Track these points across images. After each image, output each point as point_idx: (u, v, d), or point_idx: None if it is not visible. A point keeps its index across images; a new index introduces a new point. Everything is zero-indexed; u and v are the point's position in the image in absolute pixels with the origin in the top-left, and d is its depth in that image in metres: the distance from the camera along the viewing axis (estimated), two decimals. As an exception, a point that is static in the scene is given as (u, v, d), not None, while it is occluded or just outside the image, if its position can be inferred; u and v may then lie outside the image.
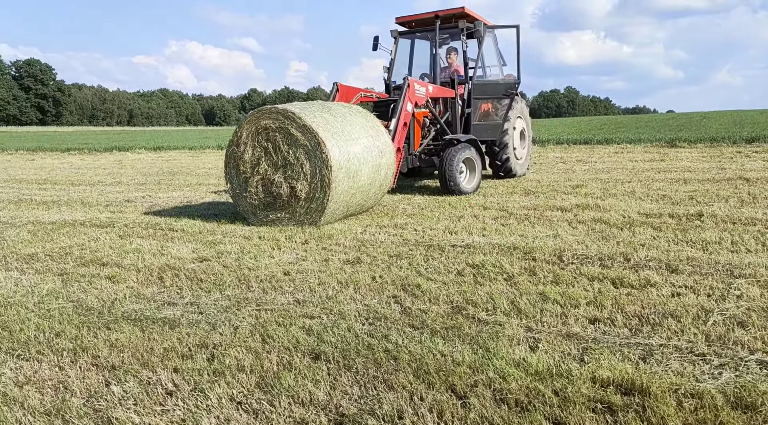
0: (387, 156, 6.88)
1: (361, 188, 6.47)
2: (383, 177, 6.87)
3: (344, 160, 6.14)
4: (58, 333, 3.47)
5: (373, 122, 6.98)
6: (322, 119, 6.24)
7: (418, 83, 8.45)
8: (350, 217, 6.81)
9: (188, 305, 3.96)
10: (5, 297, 4.17)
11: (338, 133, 6.24)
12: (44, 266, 5.02)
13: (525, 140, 10.56)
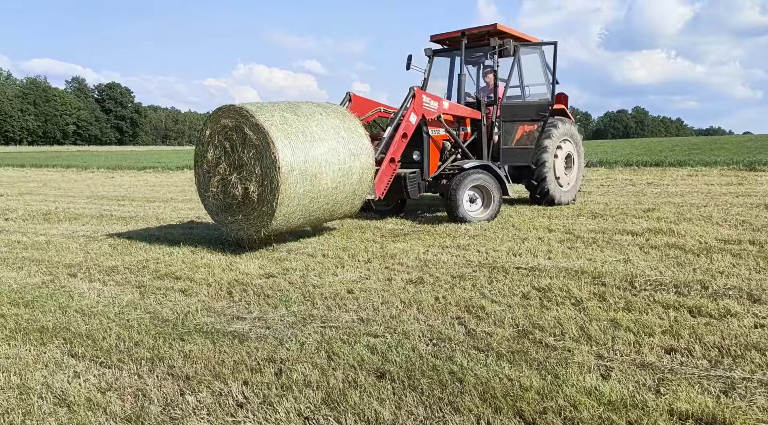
0: (362, 159, 6.40)
1: (323, 192, 6.10)
2: (356, 181, 6.40)
3: (299, 162, 5.81)
4: (137, 342, 3.65)
5: (349, 124, 6.53)
6: (279, 118, 5.95)
7: (427, 96, 7.99)
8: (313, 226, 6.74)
9: (256, 320, 4.07)
10: (89, 306, 4.43)
11: (296, 133, 5.93)
12: (123, 278, 5.30)
13: (573, 165, 9.72)
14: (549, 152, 9.12)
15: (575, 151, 9.77)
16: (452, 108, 8.48)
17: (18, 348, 3.58)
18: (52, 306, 4.44)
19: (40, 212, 10.02)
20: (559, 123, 9.35)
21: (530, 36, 9.54)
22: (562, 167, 9.49)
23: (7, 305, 4.45)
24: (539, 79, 9.63)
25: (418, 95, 7.72)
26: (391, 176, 7.55)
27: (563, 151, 9.46)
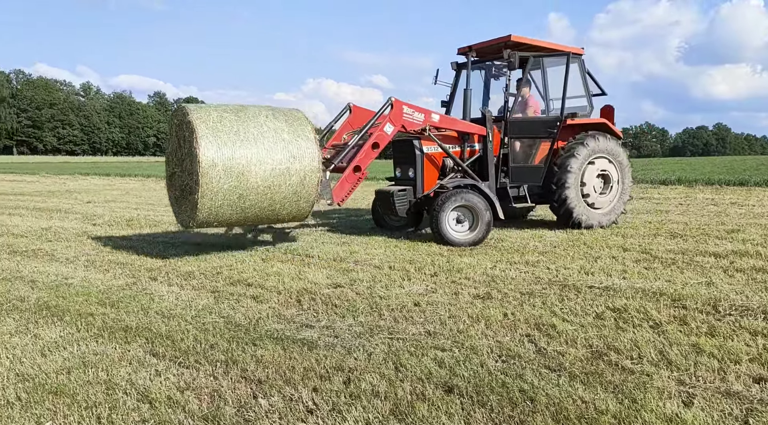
0: (303, 161, 6.42)
1: (254, 190, 6.22)
2: (296, 183, 6.43)
3: (224, 159, 5.98)
4: (212, 345, 3.79)
5: (296, 128, 6.55)
6: (216, 117, 6.19)
7: (411, 107, 7.71)
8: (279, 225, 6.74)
9: (324, 328, 4.14)
10: (168, 309, 4.64)
11: (228, 132, 6.11)
12: (199, 283, 5.53)
13: (612, 184, 8.67)
14: (571, 171, 8.26)
15: (615, 169, 8.70)
16: (446, 121, 8.12)
17: (105, 345, 3.81)
18: (135, 307, 4.69)
19: (124, 218, 10.64)
20: (591, 139, 8.39)
21: (560, 45, 8.78)
22: (595, 187, 8.54)
23: (96, 304, 4.74)
24: (576, 90, 8.86)
25: (397, 105, 7.56)
26: (355, 184, 7.37)
27: (594, 169, 8.50)
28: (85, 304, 4.73)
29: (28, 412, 2.87)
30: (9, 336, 3.97)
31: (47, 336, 3.96)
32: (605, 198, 8.67)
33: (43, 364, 3.46)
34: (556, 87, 8.80)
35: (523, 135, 8.50)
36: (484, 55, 8.90)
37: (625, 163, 8.80)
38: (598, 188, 8.60)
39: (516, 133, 8.46)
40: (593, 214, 8.56)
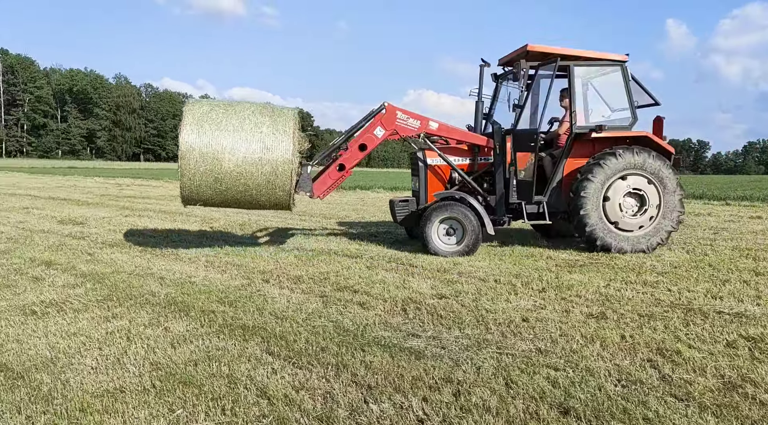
0: (275, 153, 6.98)
1: (228, 174, 6.92)
2: (269, 172, 7.01)
3: (202, 145, 6.84)
4: (323, 348, 3.91)
5: (277, 125, 7.09)
6: (206, 109, 7.06)
7: (405, 113, 7.74)
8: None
9: (430, 339, 4.13)
10: (280, 311, 4.85)
11: (211, 122, 6.91)
12: (308, 287, 5.73)
13: (649, 205, 7.66)
14: (588, 190, 7.50)
15: (654, 187, 7.66)
16: (445, 130, 7.91)
17: (226, 341, 4.05)
18: (251, 307, 4.94)
19: (237, 222, 11.29)
20: (620, 154, 7.54)
21: (590, 52, 8.00)
22: (623, 207, 7.64)
23: (216, 303, 5.06)
24: (617, 101, 8.10)
25: (390, 110, 7.65)
26: (337, 181, 7.70)
27: (623, 187, 7.61)
28: (207, 302, 5.06)
29: (161, 399, 3.10)
30: (143, 327, 4.33)
31: (176, 330, 4.28)
32: (639, 219, 7.69)
33: (173, 355, 3.74)
34: (600, 97, 8.31)
35: (523, 149, 7.98)
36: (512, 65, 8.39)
37: (668, 179, 7.66)
38: (628, 209, 7.70)
39: (518, 146, 7.97)
40: (621, 237, 7.62)
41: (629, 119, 7.93)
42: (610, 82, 8.09)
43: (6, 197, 16.88)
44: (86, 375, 3.43)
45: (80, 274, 6.15)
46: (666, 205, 7.67)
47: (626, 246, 7.56)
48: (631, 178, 7.61)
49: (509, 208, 8.05)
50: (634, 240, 7.62)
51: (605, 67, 8.08)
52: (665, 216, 7.68)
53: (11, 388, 3.20)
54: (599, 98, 8.36)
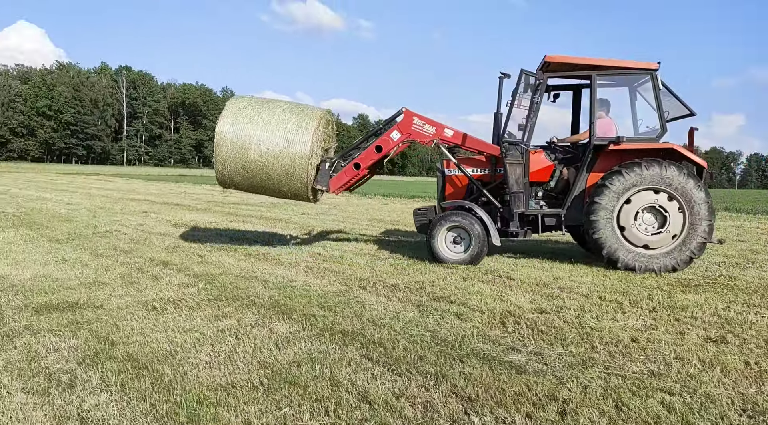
0: (295, 148, 7.66)
1: (254, 163, 7.73)
2: (288, 164, 7.70)
3: (232, 135, 7.73)
4: (421, 357, 3.92)
5: (302, 123, 7.78)
6: (245, 104, 8.01)
7: (421, 119, 8.05)
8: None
9: (532, 354, 4.02)
10: (378, 318, 4.92)
11: (245, 117, 7.80)
12: (404, 296, 5.77)
13: (669, 223, 7.12)
14: (601, 204, 7.16)
15: (677, 202, 7.11)
16: (460, 138, 8.06)
17: (326, 345, 4.16)
18: (349, 313, 5.05)
19: (333, 230, 11.61)
20: (636, 168, 7.09)
21: (615, 61, 7.64)
22: (642, 224, 7.18)
23: (316, 307, 5.22)
24: (645, 112, 7.72)
25: (407, 115, 8.02)
26: (352, 179, 8.17)
27: (640, 203, 7.15)
28: (307, 306, 5.24)
29: (269, 397, 3.24)
30: (250, 327, 4.56)
31: (280, 331, 4.46)
32: (659, 237, 7.14)
33: (278, 356, 3.90)
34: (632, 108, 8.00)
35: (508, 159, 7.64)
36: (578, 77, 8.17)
37: (693, 194, 7.05)
38: (648, 226, 7.19)
39: (507, 157, 7.63)
40: (640, 255, 7.14)
41: (657, 130, 7.47)
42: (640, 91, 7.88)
43: (127, 202, 18.44)
44: (201, 369, 3.65)
45: (193, 275, 6.58)
46: (690, 219, 7.08)
47: (642, 264, 7.10)
48: (649, 193, 7.15)
49: (528, 219, 7.87)
50: (656, 258, 7.12)
51: (633, 76, 7.80)
52: (691, 230, 7.08)
53: (137, 377, 3.48)
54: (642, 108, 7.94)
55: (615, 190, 7.14)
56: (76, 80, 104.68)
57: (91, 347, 4.01)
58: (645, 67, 7.52)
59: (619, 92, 8.30)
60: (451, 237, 7.64)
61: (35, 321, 4.62)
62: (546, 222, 7.82)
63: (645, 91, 7.86)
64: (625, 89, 8.09)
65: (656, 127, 7.51)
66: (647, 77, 7.61)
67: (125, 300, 5.38)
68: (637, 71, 7.64)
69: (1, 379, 3.40)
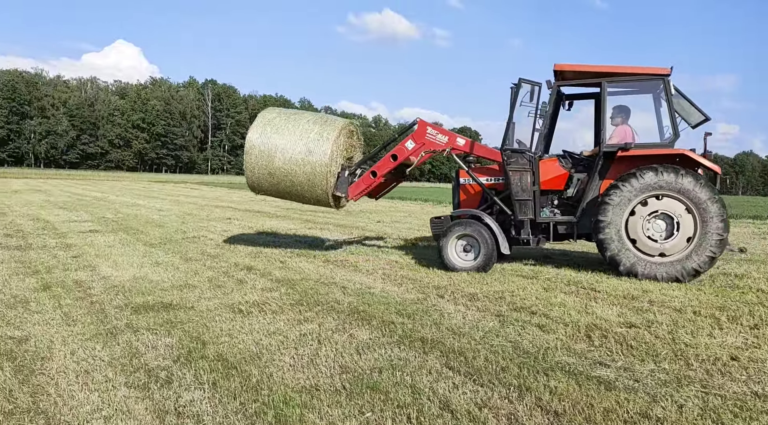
0: (315, 156, 8.10)
1: (279, 170, 8.25)
2: (309, 172, 8.15)
3: (260, 143, 8.31)
4: (503, 368, 3.84)
5: (323, 132, 8.21)
6: (275, 116, 8.64)
7: (434, 128, 8.36)
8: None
9: (621, 370, 3.85)
10: (457, 326, 4.88)
11: (273, 126, 8.37)
12: (483, 305, 5.69)
13: (678, 230, 6.93)
14: (605, 222, 7.10)
15: (686, 208, 6.92)
16: (471, 147, 8.25)
17: (406, 352, 4.17)
18: (428, 321, 5.04)
19: (409, 238, 11.65)
20: (632, 177, 7.00)
21: (625, 68, 7.50)
22: (651, 232, 7.03)
23: (395, 314, 5.25)
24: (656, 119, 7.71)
25: (421, 125, 8.31)
26: (370, 186, 8.49)
27: (648, 210, 7.03)
28: (386, 313, 5.28)
29: (352, 401, 3.29)
30: (331, 332, 4.65)
31: (360, 337, 4.52)
32: (668, 244, 6.98)
33: (359, 361, 3.95)
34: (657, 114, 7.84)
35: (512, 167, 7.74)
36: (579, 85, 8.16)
37: (703, 200, 6.84)
38: (659, 233, 7.03)
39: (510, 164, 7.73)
40: (649, 263, 7.02)
41: (669, 136, 7.33)
42: (651, 98, 7.83)
43: (212, 209, 19.37)
44: (286, 371, 3.76)
45: (275, 279, 6.80)
46: (702, 226, 6.89)
47: (657, 272, 6.96)
48: (655, 200, 7.02)
49: (540, 227, 7.84)
50: (667, 266, 6.96)
51: (644, 82, 7.73)
52: (703, 237, 6.88)
53: (227, 376, 3.63)
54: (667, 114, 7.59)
55: (616, 203, 7.11)
56: (167, 94, 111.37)
57: (184, 346, 4.23)
58: (656, 73, 7.42)
59: (645, 98, 8.08)
60: (461, 245, 7.73)
61: (134, 319, 4.94)
62: (559, 230, 7.81)
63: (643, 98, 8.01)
64: (649, 95, 7.93)
65: (669, 132, 7.39)
66: (658, 82, 7.51)
67: (213, 302, 5.64)
68: (648, 77, 7.57)
69: (107, 374, 3.66)
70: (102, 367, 3.77)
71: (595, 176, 7.54)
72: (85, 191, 31.47)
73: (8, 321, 4.80)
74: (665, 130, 7.53)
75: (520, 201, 7.68)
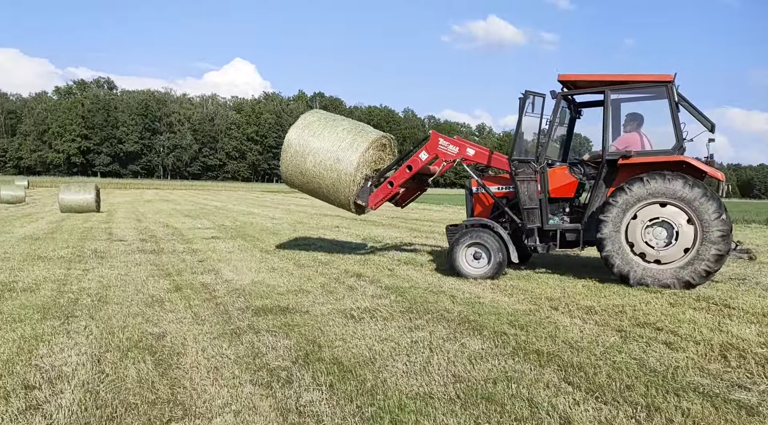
0: (342, 164, 8.59)
1: (309, 171, 8.80)
2: (335, 177, 8.66)
3: (297, 144, 8.86)
4: (628, 386, 3.62)
5: (354, 142, 8.67)
6: (314, 119, 9.15)
7: (446, 139, 8.60)
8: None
9: (764, 393, 3.50)
10: (574, 340, 4.67)
11: (310, 129, 8.91)
12: (602, 319, 5.40)
13: (679, 237, 6.87)
14: (608, 219, 7.11)
15: (686, 215, 6.87)
16: (480, 157, 8.47)
17: (521, 364, 4.05)
18: (543, 333, 4.87)
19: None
20: (638, 182, 6.97)
21: (627, 76, 7.55)
22: (650, 238, 7.01)
23: (507, 325, 5.13)
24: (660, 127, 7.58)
25: (433, 137, 8.63)
26: (387, 196, 8.83)
27: (646, 217, 7.00)
28: (498, 323, 5.17)
29: (466, 411, 3.25)
30: (442, 341, 4.63)
31: (472, 347, 4.46)
32: (667, 251, 6.95)
33: (472, 371, 3.90)
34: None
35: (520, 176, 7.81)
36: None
37: (703, 207, 6.76)
38: (658, 240, 6.99)
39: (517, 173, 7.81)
40: (647, 270, 7.00)
41: (672, 143, 7.24)
42: (655, 105, 7.67)
43: (321, 217, 20.09)
44: (399, 377, 3.80)
45: (384, 287, 6.91)
46: (701, 233, 6.80)
47: (649, 278, 6.96)
48: (655, 207, 6.99)
49: (549, 235, 7.83)
50: (659, 273, 6.95)
51: (648, 89, 7.68)
52: (703, 244, 6.78)
53: (343, 380, 3.73)
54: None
55: (620, 205, 7.08)
56: (279, 108, 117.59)
57: (301, 348, 4.40)
58: (658, 80, 7.35)
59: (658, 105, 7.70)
60: (472, 253, 7.78)
61: (255, 321, 5.22)
62: (567, 238, 7.84)
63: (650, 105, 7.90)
64: (660, 102, 7.56)
65: (673, 139, 7.30)
66: (661, 89, 7.37)
67: (326, 307, 5.83)
68: (651, 84, 7.52)
69: (234, 371, 3.89)
70: (229, 365, 4.02)
71: (600, 183, 7.54)
72: (206, 200, 33.95)
73: (147, 319, 5.26)
74: (674, 137, 7.33)
75: (528, 209, 7.79)
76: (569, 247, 8.06)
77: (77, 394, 3.42)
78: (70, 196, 19.66)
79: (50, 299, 5.99)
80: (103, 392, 3.48)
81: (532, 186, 7.75)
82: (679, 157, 7.09)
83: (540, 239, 7.83)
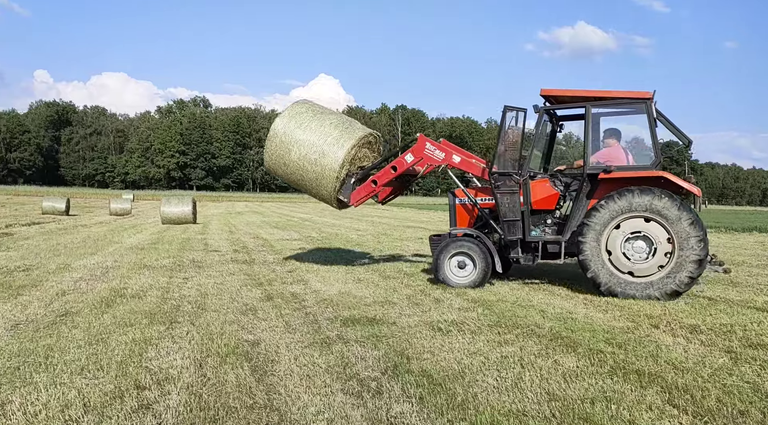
0: (327, 158, 8.56)
1: (293, 162, 8.78)
2: (319, 171, 8.65)
3: (282, 134, 8.82)
4: (742, 411, 3.35)
5: (341, 138, 8.64)
6: (304, 110, 9.10)
7: (433, 144, 8.56)
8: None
9: None
10: (678, 361, 4.38)
11: (297, 121, 8.85)
12: (708, 339, 5.03)
13: (657, 249, 6.98)
14: (588, 233, 7.18)
15: (663, 229, 6.98)
16: (466, 165, 8.55)
17: (620, 384, 3.85)
18: (643, 352, 4.60)
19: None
20: (627, 194, 7.05)
21: (608, 92, 7.68)
22: (630, 252, 7.12)
23: (603, 342, 4.90)
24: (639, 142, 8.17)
25: (421, 140, 8.60)
26: (369, 194, 8.84)
27: (627, 230, 7.12)
28: (593, 340, 4.95)
29: (563, 431, 3.13)
30: (534, 357, 4.49)
31: (566, 364, 4.30)
32: (647, 264, 7.05)
33: (567, 389, 3.75)
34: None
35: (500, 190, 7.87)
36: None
37: (681, 221, 6.90)
38: (637, 254, 7.09)
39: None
40: (625, 283, 7.08)
41: (651, 158, 7.41)
42: (634, 121, 7.96)
43: (404, 229, 20.22)
44: (490, 392, 3.72)
45: (471, 300, 6.82)
46: (680, 246, 6.90)
47: (618, 288, 7.06)
48: (634, 221, 7.11)
49: (531, 246, 7.86)
50: (642, 286, 7.03)
51: (628, 105, 7.80)
52: (681, 258, 6.89)
53: (433, 392, 3.71)
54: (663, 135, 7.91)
55: (606, 214, 7.13)
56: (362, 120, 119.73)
57: (390, 359, 4.43)
58: (638, 97, 7.47)
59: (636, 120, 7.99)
60: (456, 262, 7.77)
61: (344, 331, 5.32)
62: (549, 250, 7.86)
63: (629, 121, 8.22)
64: (637, 117, 7.75)
65: (650, 155, 7.46)
66: (641, 106, 7.47)
67: (413, 319, 5.83)
68: (630, 101, 7.63)
69: (325, 379, 3.98)
70: (320, 373, 4.11)
71: (581, 197, 7.59)
72: (292, 212, 35.14)
73: (243, 326, 5.50)
74: (651, 153, 7.46)
75: (509, 221, 7.80)
76: (551, 259, 7.97)
77: (183, 396, 3.62)
78: (170, 209, 21.04)
79: (155, 305, 6.41)
80: (206, 395, 3.66)
81: (513, 198, 7.82)
82: (658, 172, 7.22)
83: (522, 250, 7.90)
